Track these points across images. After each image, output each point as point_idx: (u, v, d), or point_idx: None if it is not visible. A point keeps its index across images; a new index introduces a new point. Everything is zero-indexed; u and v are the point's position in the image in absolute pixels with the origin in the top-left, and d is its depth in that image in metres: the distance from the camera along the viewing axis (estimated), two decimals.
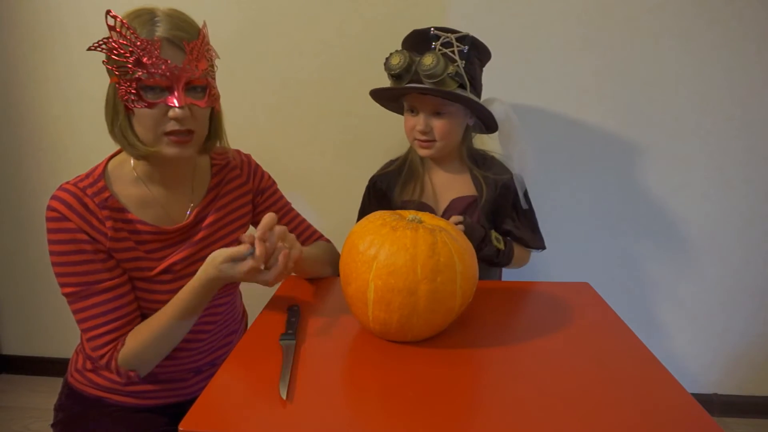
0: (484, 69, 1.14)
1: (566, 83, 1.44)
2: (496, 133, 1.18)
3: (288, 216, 1.08)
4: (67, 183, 0.83)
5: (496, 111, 1.11)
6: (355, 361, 0.70)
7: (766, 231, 1.49)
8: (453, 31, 1.05)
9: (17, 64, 1.57)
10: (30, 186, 1.67)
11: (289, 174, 1.52)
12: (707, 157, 1.45)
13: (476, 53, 1.07)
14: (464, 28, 1.07)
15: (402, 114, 1.17)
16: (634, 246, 1.53)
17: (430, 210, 1.15)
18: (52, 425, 0.93)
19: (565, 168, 1.49)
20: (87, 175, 0.84)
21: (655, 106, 1.43)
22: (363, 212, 1.25)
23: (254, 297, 1.12)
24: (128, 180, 0.87)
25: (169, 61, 0.77)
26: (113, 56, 0.77)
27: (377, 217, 0.77)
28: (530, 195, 1.20)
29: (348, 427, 0.56)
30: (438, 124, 1.07)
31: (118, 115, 0.80)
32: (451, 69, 1.01)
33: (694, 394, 0.62)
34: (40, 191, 1.67)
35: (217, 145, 0.92)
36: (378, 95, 1.14)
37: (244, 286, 1.03)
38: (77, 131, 1.60)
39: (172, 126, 0.80)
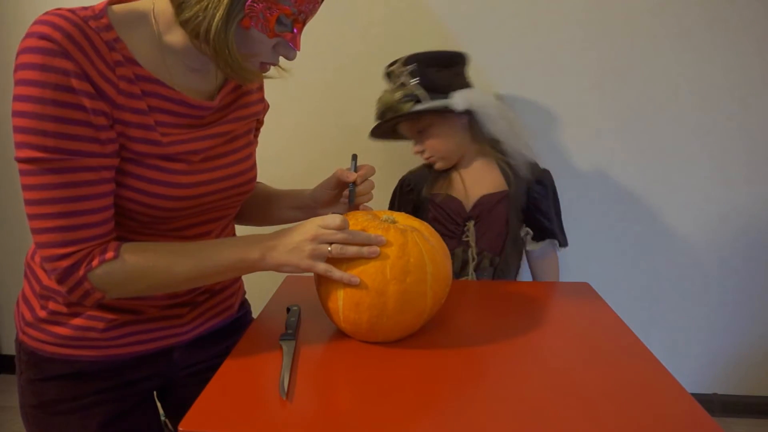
0: (466, 66, 1.20)
1: (566, 83, 1.44)
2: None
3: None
4: (58, 9, 0.59)
5: (468, 98, 1.12)
6: (356, 361, 0.70)
7: (767, 231, 1.49)
8: (399, 60, 1.15)
9: None
10: None
11: (289, 174, 1.52)
12: (707, 157, 1.45)
13: (425, 64, 1.13)
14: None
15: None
16: (635, 246, 1.53)
17: (458, 204, 1.18)
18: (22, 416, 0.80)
19: (564, 168, 1.49)
20: (83, 8, 0.61)
21: (655, 105, 1.43)
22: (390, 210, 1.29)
23: (255, 297, 1.11)
24: (143, 35, 0.65)
25: None
26: None
27: (350, 217, 0.76)
28: None
29: (348, 426, 0.56)
30: (428, 143, 1.17)
31: (232, 20, 0.61)
32: (397, 95, 1.13)
33: (694, 394, 0.62)
34: None
35: None
36: (380, 136, 1.26)
37: (246, 285, 1.02)
38: None
39: (272, 59, 0.69)
